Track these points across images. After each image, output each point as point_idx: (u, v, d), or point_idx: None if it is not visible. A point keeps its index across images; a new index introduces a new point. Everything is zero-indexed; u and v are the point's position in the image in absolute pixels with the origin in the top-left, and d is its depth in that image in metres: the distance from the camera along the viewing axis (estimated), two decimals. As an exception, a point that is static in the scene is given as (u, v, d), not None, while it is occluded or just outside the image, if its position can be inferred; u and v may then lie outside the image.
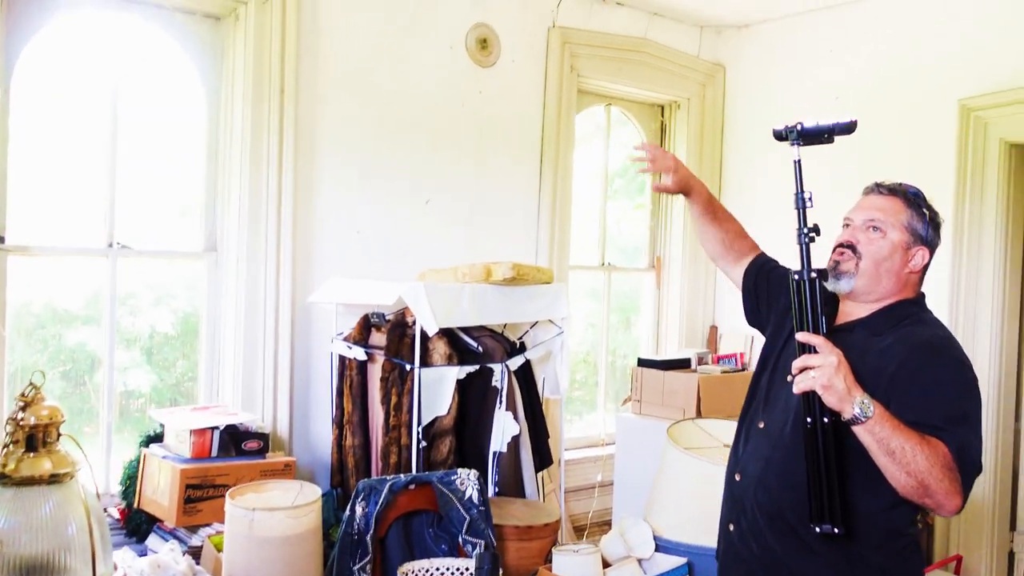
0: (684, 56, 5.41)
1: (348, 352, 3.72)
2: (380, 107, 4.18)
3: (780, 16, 5.27)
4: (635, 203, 5.69)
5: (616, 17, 5.08)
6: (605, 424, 5.42)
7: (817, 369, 1.87)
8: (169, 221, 3.96)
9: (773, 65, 5.36)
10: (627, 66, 5.15)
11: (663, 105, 5.61)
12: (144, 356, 3.84)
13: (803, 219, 2.04)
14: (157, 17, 3.74)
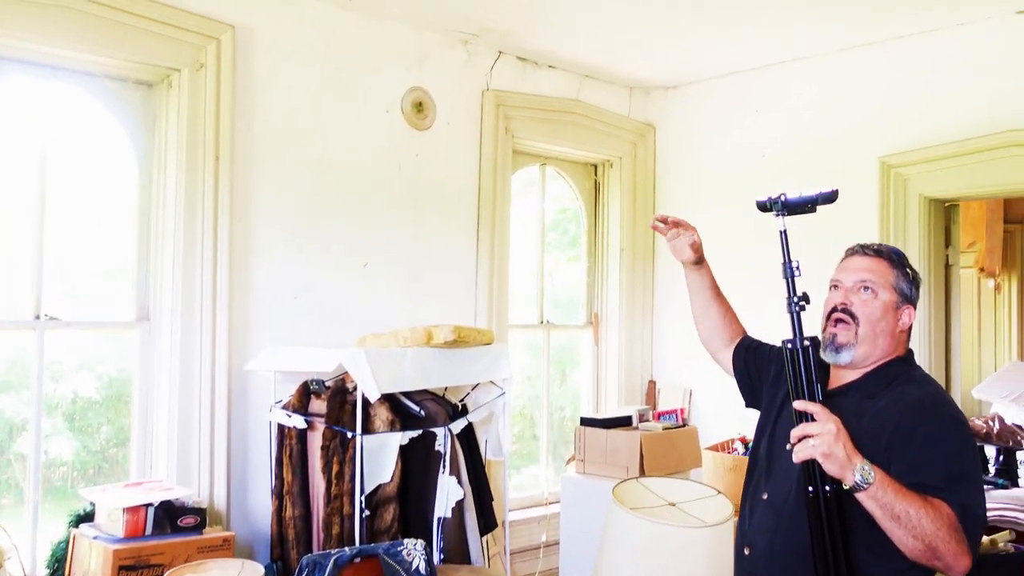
0: (615, 116, 5.53)
1: (287, 420, 3.65)
2: (317, 171, 4.17)
3: (705, 77, 5.44)
4: (567, 255, 5.75)
5: (548, 79, 5.19)
6: (548, 482, 5.40)
7: (816, 437, 1.86)
8: (99, 290, 3.87)
9: (701, 124, 5.52)
10: (560, 127, 5.25)
11: (596, 164, 5.72)
12: (66, 422, 3.72)
13: (792, 288, 2.03)
14: (87, 84, 3.69)
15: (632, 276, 5.59)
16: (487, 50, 4.87)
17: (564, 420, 5.66)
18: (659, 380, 5.62)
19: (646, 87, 5.68)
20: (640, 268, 5.62)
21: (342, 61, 4.27)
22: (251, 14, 3.96)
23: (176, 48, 3.74)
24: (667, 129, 5.71)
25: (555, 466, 5.50)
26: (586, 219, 5.72)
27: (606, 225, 5.68)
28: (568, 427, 5.66)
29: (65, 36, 3.45)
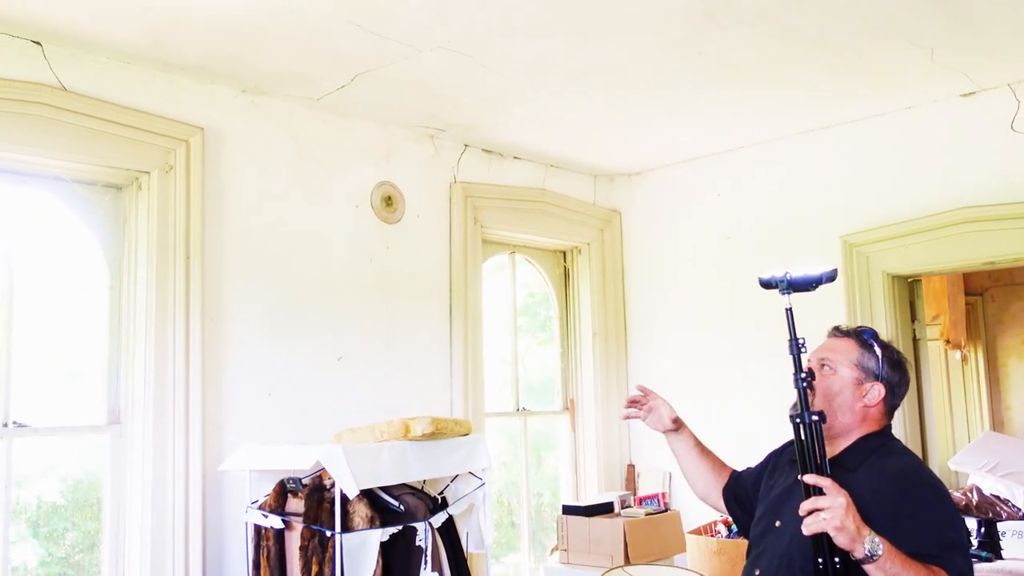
0: (581, 203, 5.64)
1: (264, 521, 3.57)
2: (288, 267, 4.18)
3: (668, 163, 5.58)
4: (538, 339, 5.77)
5: (514, 170, 5.29)
6: (531, 572, 5.29)
7: (827, 511, 1.89)
8: (69, 393, 3.80)
9: (665, 208, 5.64)
10: (528, 215, 5.33)
11: (565, 250, 5.79)
12: (30, 529, 3.60)
13: (798, 364, 2.08)
14: (56, 189, 3.70)
15: (606, 359, 5.61)
16: (453, 143, 4.98)
17: (543, 506, 5.59)
18: (638, 463, 5.59)
19: (610, 174, 5.81)
20: (613, 351, 5.65)
21: (310, 159, 4.33)
22: (219, 116, 4.02)
23: (145, 151, 3.78)
24: (632, 214, 5.82)
25: (536, 554, 5.40)
26: (557, 304, 5.76)
27: (577, 310, 5.72)
28: (547, 513, 5.58)
29: (34, 143, 3.46)
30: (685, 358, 5.38)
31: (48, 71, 3.52)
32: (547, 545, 5.45)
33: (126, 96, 3.73)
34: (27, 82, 3.45)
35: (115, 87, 3.70)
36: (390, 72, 3.92)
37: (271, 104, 4.22)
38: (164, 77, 3.86)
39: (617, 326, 5.70)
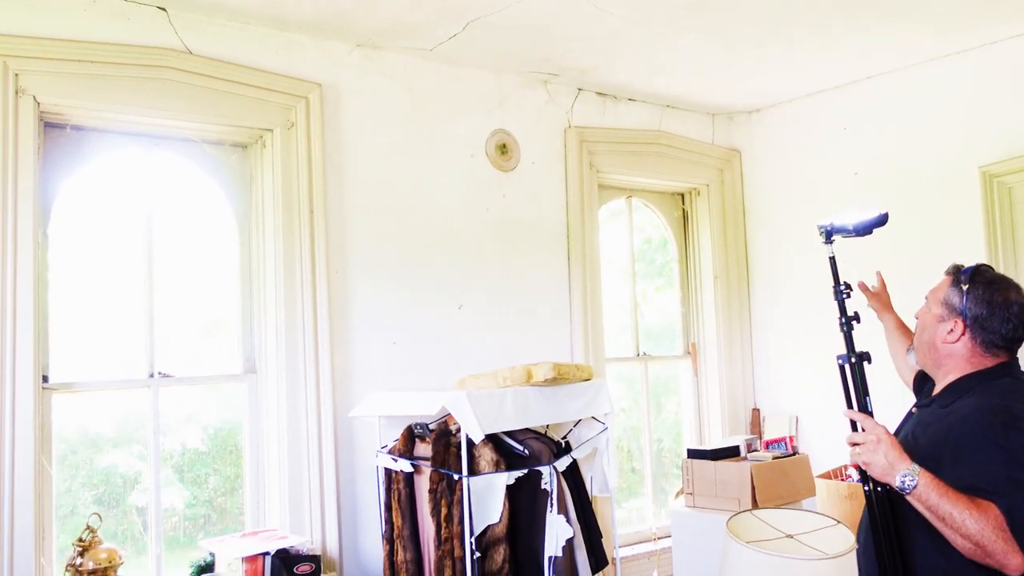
0: (699, 144, 5.49)
1: (394, 465, 3.68)
2: (407, 219, 4.25)
3: (789, 99, 5.36)
4: (655, 285, 5.70)
5: (629, 112, 5.19)
6: (655, 516, 5.30)
7: (861, 446, 2.10)
8: (206, 346, 4.00)
9: (788, 146, 5.43)
10: (644, 158, 5.24)
11: (683, 193, 5.67)
12: (176, 474, 3.82)
13: (843, 309, 2.29)
14: (186, 150, 3.86)
15: (728, 303, 5.49)
16: (567, 88, 4.91)
17: (662, 452, 5.57)
18: (763, 408, 5.48)
19: (729, 112, 5.63)
20: (736, 294, 5.52)
21: (426, 110, 4.36)
22: (336, 72, 4.09)
23: (268, 109, 3.88)
24: (753, 153, 5.63)
25: (659, 499, 5.39)
26: (676, 248, 5.66)
27: (697, 253, 5.61)
28: (667, 459, 5.56)
29: (164, 106, 3.61)
30: (812, 300, 5.21)
31: (174, 36, 3.64)
32: (668, 490, 5.44)
33: (247, 56, 3.83)
34: (155, 47, 3.58)
35: (236, 48, 3.80)
36: (501, 18, 3.89)
37: (385, 57, 4.25)
38: (282, 36, 3.94)
39: (739, 269, 5.56)
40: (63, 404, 3.47)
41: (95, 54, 3.44)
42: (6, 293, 3.18)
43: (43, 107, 3.38)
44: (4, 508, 3.08)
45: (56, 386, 3.43)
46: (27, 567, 3.10)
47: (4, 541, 3.06)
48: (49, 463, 3.37)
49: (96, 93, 3.46)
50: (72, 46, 3.40)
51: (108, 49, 3.48)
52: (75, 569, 2.09)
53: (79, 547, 2.09)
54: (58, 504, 3.44)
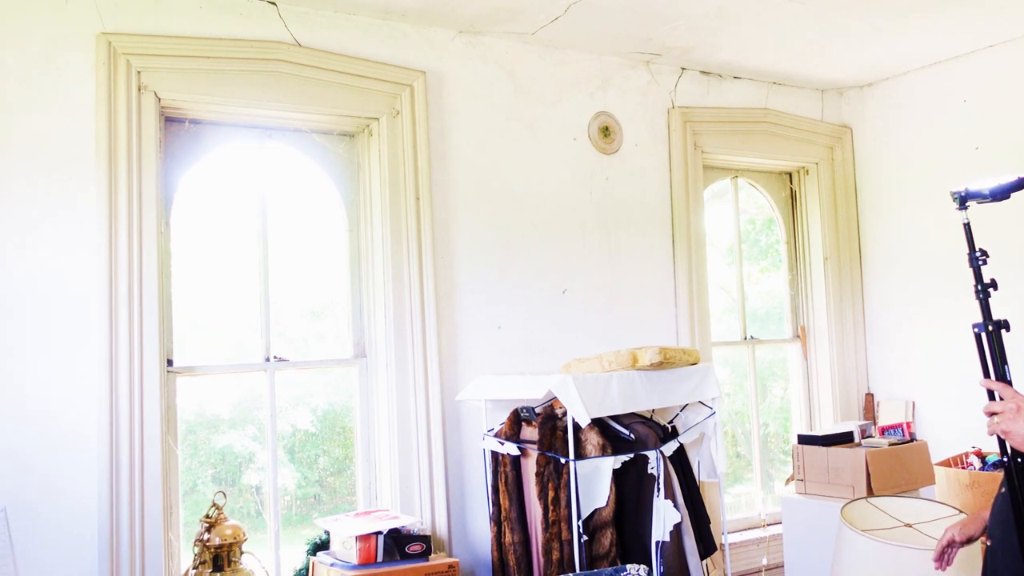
0: (807, 121, 5.33)
1: (501, 448, 3.72)
2: (511, 203, 4.27)
3: (904, 71, 5.14)
4: (760, 267, 5.57)
5: (734, 90, 5.08)
6: (763, 503, 5.21)
7: (999, 415, 2.04)
8: (319, 331, 4.11)
9: (902, 121, 5.21)
10: (750, 137, 5.12)
11: (791, 172, 5.52)
12: (288, 455, 3.95)
13: (979, 275, 2.19)
14: (296, 140, 3.96)
15: (839, 285, 5.33)
16: (670, 68, 4.84)
17: (768, 437, 5.45)
18: (877, 392, 5.31)
19: (839, 88, 5.44)
20: (847, 276, 5.35)
21: (528, 94, 4.37)
22: (439, 59, 4.13)
23: (373, 98, 3.95)
24: (865, 130, 5.43)
25: (767, 485, 5.29)
26: (783, 229, 5.52)
27: (806, 234, 5.46)
28: (774, 444, 5.45)
29: (275, 98, 3.72)
30: (929, 281, 5.01)
31: (283, 29, 3.74)
32: (775, 476, 5.33)
33: (354, 46, 3.91)
34: (266, 41, 3.69)
35: (343, 39, 3.88)
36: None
37: (487, 43, 4.27)
38: (386, 25, 4.00)
39: (851, 249, 5.39)
40: (186, 387, 3.63)
41: (210, 50, 3.57)
42: (133, 282, 3.33)
43: (163, 103, 3.53)
44: (135, 485, 3.25)
45: (180, 369, 3.60)
46: (156, 542, 3.26)
47: (136, 517, 3.24)
48: (175, 443, 3.54)
49: (212, 87, 3.59)
50: (189, 43, 3.54)
51: (222, 44, 3.60)
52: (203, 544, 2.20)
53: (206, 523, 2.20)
54: (181, 482, 3.61)
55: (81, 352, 3.25)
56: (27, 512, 3.13)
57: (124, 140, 3.37)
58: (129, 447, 3.26)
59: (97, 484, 3.21)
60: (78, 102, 3.33)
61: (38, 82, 3.28)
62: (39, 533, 3.14)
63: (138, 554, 3.22)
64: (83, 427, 3.23)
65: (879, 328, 5.33)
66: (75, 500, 3.20)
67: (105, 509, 3.20)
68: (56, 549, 3.16)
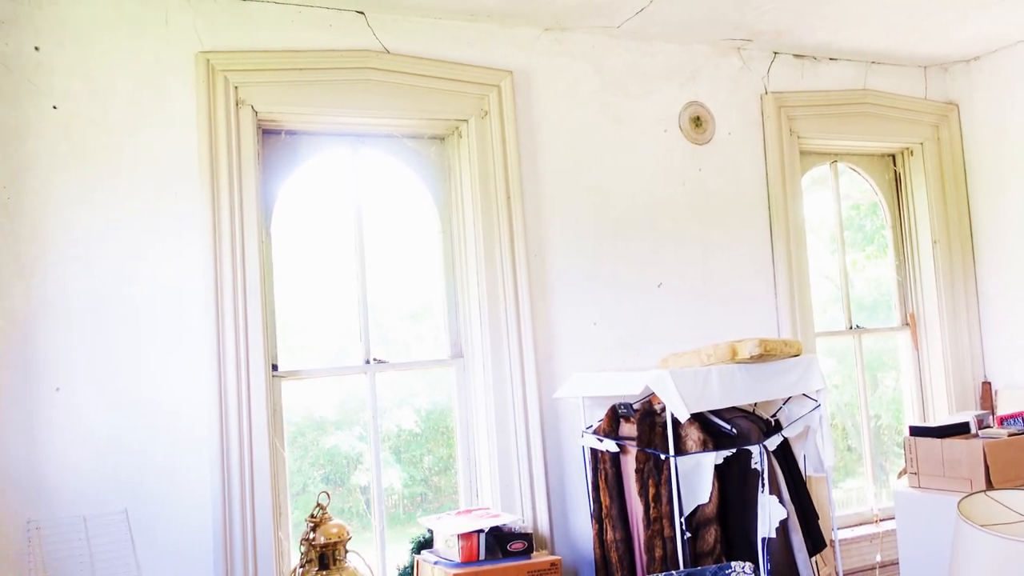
0: (910, 100, 5.12)
1: (599, 445, 3.70)
2: (602, 198, 4.24)
3: (1013, 42, 4.88)
4: (865, 254, 5.37)
5: (831, 72, 4.92)
6: (876, 497, 5.03)
7: None
8: (417, 333, 4.17)
9: (1015, 94, 4.95)
10: (849, 119, 4.95)
11: (894, 154, 5.31)
12: (393, 455, 4.02)
13: None
14: (389, 146, 4.03)
15: (950, 269, 5.10)
16: (761, 53, 4.72)
17: (880, 429, 5.26)
18: (995, 381, 5.06)
19: (943, 63, 5.20)
20: (958, 259, 5.12)
21: (616, 88, 4.33)
22: (526, 58, 4.14)
23: (462, 100, 3.98)
24: (972, 106, 5.18)
25: (879, 479, 5.11)
26: (888, 213, 5.32)
27: (912, 217, 5.25)
28: (886, 437, 5.26)
29: (367, 105, 3.79)
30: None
31: (372, 37, 3.81)
32: (887, 469, 5.14)
33: (441, 50, 3.95)
34: (356, 50, 3.77)
35: (430, 43, 3.93)
36: (690, -14, 3.79)
37: (573, 39, 4.25)
38: (472, 27, 4.03)
39: (961, 232, 5.15)
40: (290, 390, 3.74)
41: (303, 61, 3.67)
42: (238, 290, 3.46)
43: (260, 116, 3.64)
44: (246, 487, 3.37)
45: (284, 374, 3.71)
46: (267, 541, 3.37)
47: (247, 517, 3.35)
48: (282, 445, 3.65)
49: (305, 98, 3.68)
50: (282, 56, 3.64)
51: (314, 56, 3.69)
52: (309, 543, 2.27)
53: (311, 523, 2.27)
54: (291, 483, 3.73)
55: (192, 359, 3.39)
56: (146, 513, 3.28)
57: (224, 154, 3.49)
58: (239, 450, 3.38)
59: (210, 486, 3.34)
60: (181, 120, 3.47)
61: (145, 104, 3.43)
62: (158, 534, 3.28)
63: (250, 554, 3.33)
64: (196, 431, 3.37)
65: (994, 313, 5.08)
66: (191, 502, 3.34)
67: (218, 510, 3.32)
68: (173, 549, 3.30)
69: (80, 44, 3.36)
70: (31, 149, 3.26)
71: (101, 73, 3.38)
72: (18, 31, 3.28)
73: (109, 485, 3.24)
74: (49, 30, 3.32)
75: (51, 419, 3.20)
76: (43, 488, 3.17)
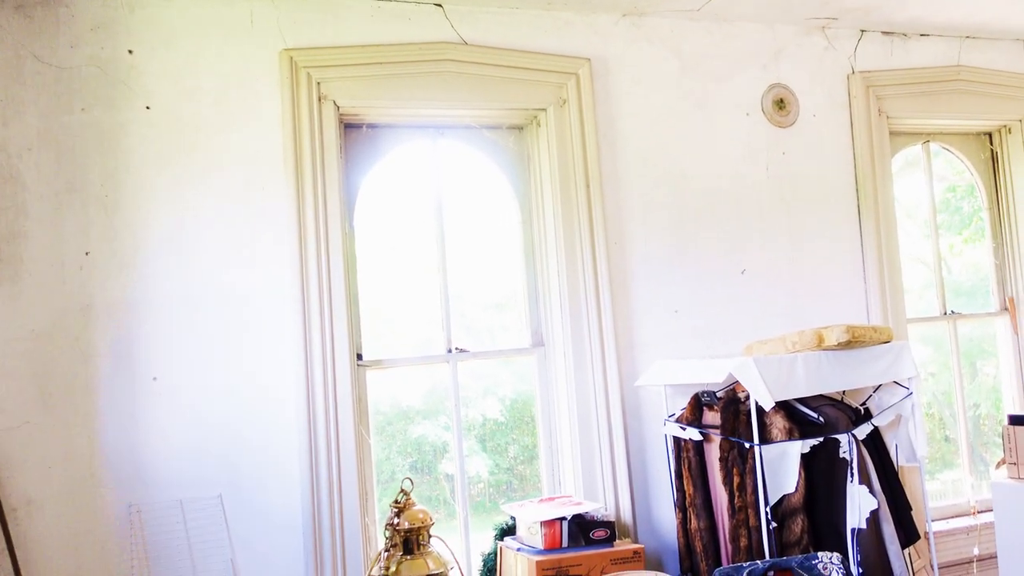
0: (1008, 75, 4.90)
1: (682, 433, 3.67)
2: (682, 184, 4.19)
3: (1122, 10, 4.63)
4: (963, 237, 5.17)
5: (921, 49, 4.75)
6: (974, 489, 4.86)
7: None
8: (499, 322, 4.20)
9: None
10: (942, 97, 4.77)
11: (990, 132, 5.10)
12: (479, 444, 4.06)
13: None
14: (468, 137, 4.06)
15: (1052, 250, 4.88)
16: (848, 32, 4.59)
17: (980, 419, 5.07)
18: (1101, 368, 4.83)
19: (1043, 35, 4.97)
20: (1060, 241, 4.89)
21: (696, 71, 4.27)
22: (603, 44, 4.11)
23: (540, 89, 3.99)
24: (1077, 78, 4.94)
25: (977, 471, 4.93)
26: (985, 194, 5.11)
27: (1011, 198, 5.03)
28: (986, 426, 5.06)
29: (446, 97, 3.83)
30: None
31: (450, 29, 3.85)
32: (989, 461, 4.95)
33: (518, 40, 3.96)
34: (434, 42, 3.81)
35: (507, 33, 3.94)
36: (771, -35, 3.70)
37: (651, 23, 4.21)
38: (549, 16, 4.02)
39: (1065, 212, 4.92)
40: (375, 379, 3.81)
41: (382, 55, 3.73)
42: (323, 282, 3.54)
43: (342, 110, 3.71)
44: (333, 473, 3.46)
45: (368, 363, 3.78)
46: (354, 526, 3.46)
47: (335, 502, 3.44)
48: (367, 432, 3.73)
49: (386, 92, 3.74)
50: (362, 51, 3.71)
51: (393, 49, 3.74)
52: (393, 528, 2.32)
53: (395, 508, 2.33)
54: (379, 471, 3.81)
55: (281, 348, 3.49)
56: (239, 498, 3.39)
57: (308, 149, 3.58)
58: (326, 436, 3.47)
59: (299, 472, 3.44)
60: (267, 116, 3.57)
61: (232, 102, 3.54)
62: (250, 516, 3.40)
63: (338, 538, 3.42)
64: (286, 419, 3.47)
65: (1102, 296, 4.84)
66: (281, 487, 3.44)
67: (307, 496, 3.42)
68: (264, 533, 3.41)
69: (170, 46, 3.49)
70: (126, 148, 3.40)
71: (190, 73, 3.50)
72: (113, 36, 3.42)
73: (204, 471, 3.37)
74: (141, 33, 3.46)
75: (149, 407, 3.34)
76: (143, 474, 3.31)
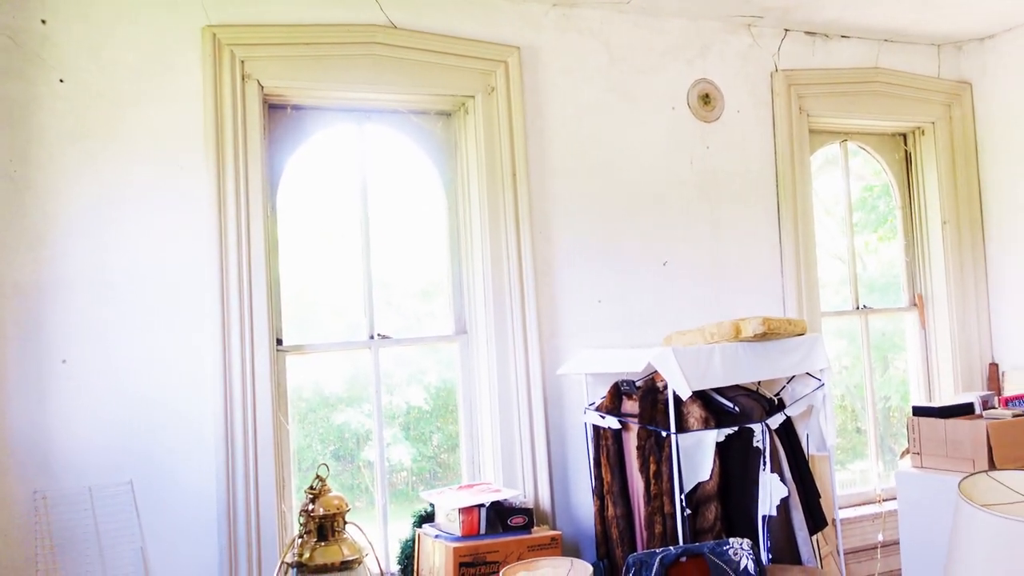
0: (922, 79, 5.07)
1: (602, 422, 3.72)
2: (608, 175, 4.23)
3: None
4: (878, 235, 5.34)
5: (842, 50, 4.88)
6: (881, 478, 5.04)
7: None
8: (420, 309, 4.19)
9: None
10: (860, 98, 4.91)
11: (905, 133, 5.27)
12: (403, 432, 4.05)
13: None
14: (395, 122, 4.03)
15: (959, 250, 5.07)
16: (772, 30, 4.68)
17: (890, 410, 5.26)
18: (1002, 362, 5.04)
19: (957, 41, 5.15)
20: (968, 240, 5.08)
21: (624, 64, 4.31)
22: (533, 33, 4.11)
23: (468, 76, 3.97)
24: (986, 85, 5.13)
25: (885, 460, 5.11)
26: (898, 193, 5.28)
27: (922, 198, 5.21)
28: (895, 418, 5.26)
29: (373, 80, 3.79)
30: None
31: (379, 12, 3.80)
32: (896, 451, 5.14)
33: (448, 25, 3.93)
34: (363, 25, 3.76)
35: (438, 18, 3.91)
36: (698, -38, 3.75)
37: (581, 14, 4.23)
38: (480, 2, 4.01)
39: (971, 213, 5.11)
40: (296, 365, 3.76)
41: (309, 36, 3.66)
42: (243, 264, 3.47)
43: (266, 90, 3.64)
44: (249, 460, 3.40)
45: (289, 348, 3.73)
46: (270, 514, 3.42)
47: (251, 489, 3.39)
48: (285, 418, 3.68)
49: (312, 73, 3.68)
50: (289, 30, 3.64)
51: (321, 30, 3.68)
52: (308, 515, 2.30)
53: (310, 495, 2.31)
54: (300, 458, 3.77)
55: (197, 331, 3.42)
56: (152, 485, 3.32)
57: (230, 128, 3.50)
58: (243, 422, 3.41)
59: (214, 457, 3.38)
60: (187, 93, 3.48)
61: (151, 77, 3.44)
62: (163, 505, 3.32)
63: (253, 525, 3.38)
64: (202, 404, 3.40)
65: (1003, 295, 5.05)
66: (196, 473, 3.37)
67: (222, 482, 3.36)
68: (178, 520, 3.34)
69: (87, 17, 3.37)
70: (38, 122, 3.28)
71: (107, 46, 3.39)
72: (25, 4, 3.29)
73: (115, 456, 3.28)
74: (55, 3, 3.33)
75: (57, 391, 3.24)
76: (50, 460, 3.21)
